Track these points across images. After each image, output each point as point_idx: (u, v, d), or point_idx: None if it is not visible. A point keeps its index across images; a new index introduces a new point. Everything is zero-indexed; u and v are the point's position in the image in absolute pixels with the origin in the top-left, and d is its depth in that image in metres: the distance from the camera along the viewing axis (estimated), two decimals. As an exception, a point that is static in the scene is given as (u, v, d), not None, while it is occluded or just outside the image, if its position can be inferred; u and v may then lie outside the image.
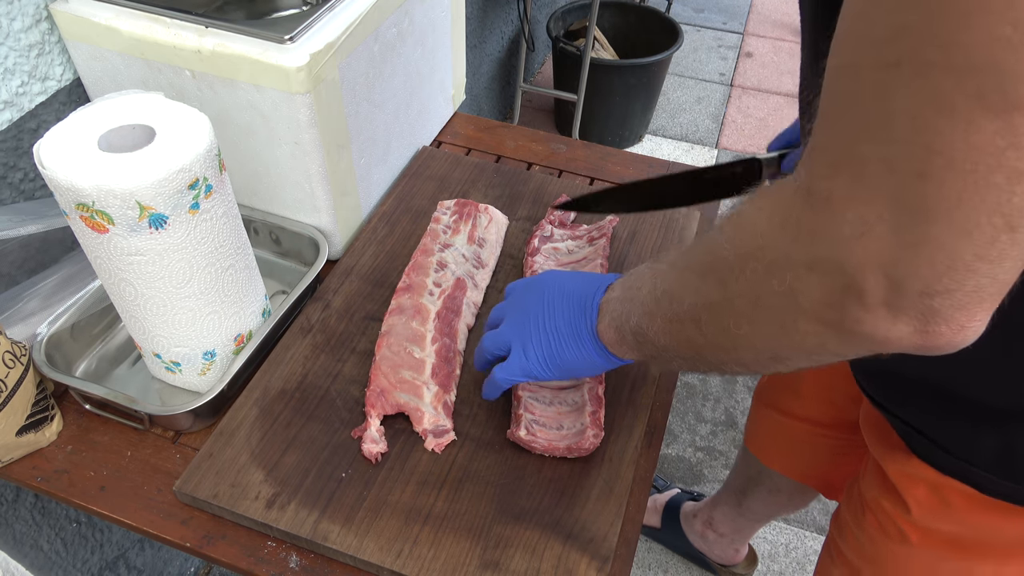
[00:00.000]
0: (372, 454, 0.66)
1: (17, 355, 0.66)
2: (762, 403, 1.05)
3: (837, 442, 0.94)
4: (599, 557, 0.61)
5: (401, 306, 0.77)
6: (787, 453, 1.04)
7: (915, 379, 0.59)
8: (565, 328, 0.59)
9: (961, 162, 0.27)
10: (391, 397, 0.69)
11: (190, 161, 0.58)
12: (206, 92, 0.76)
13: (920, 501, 0.63)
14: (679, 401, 1.75)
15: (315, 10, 0.74)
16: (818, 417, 0.94)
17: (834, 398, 0.90)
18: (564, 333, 0.59)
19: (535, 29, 2.47)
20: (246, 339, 0.73)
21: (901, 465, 0.64)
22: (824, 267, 0.34)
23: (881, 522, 0.69)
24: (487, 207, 0.88)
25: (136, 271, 0.61)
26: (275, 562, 0.62)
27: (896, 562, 0.70)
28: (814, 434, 0.95)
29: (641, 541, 1.50)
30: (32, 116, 0.78)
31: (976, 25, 0.25)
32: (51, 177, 0.56)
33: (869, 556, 0.73)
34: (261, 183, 0.83)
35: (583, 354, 0.59)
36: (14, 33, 0.73)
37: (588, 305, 0.58)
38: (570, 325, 0.59)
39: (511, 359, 0.62)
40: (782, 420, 1.00)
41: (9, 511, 0.90)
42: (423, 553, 0.61)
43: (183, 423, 0.70)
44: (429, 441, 0.68)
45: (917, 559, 0.67)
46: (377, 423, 0.68)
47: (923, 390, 0.59)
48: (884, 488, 0.68)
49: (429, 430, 0.68)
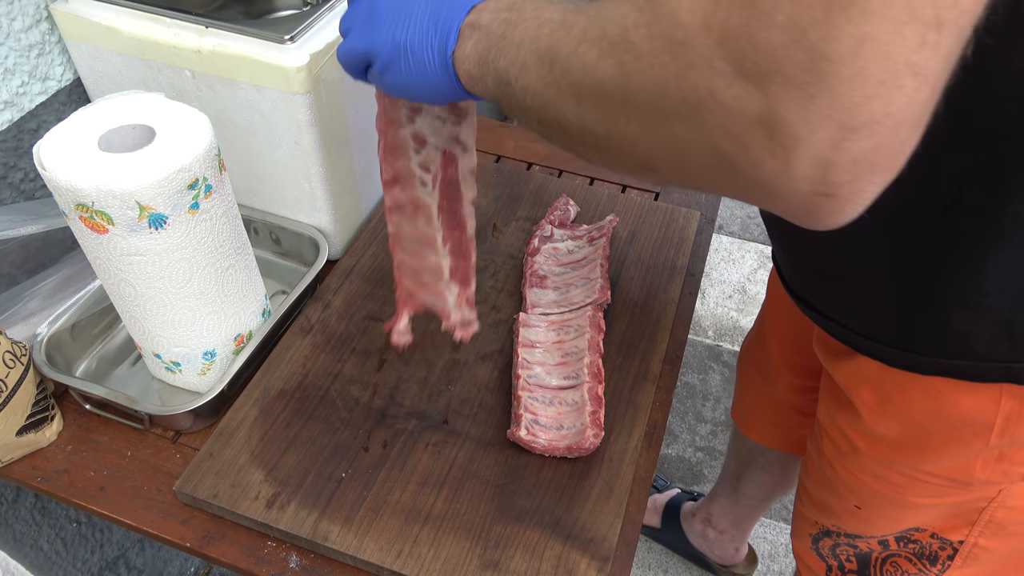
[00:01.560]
0: (400, 344, 0.70)
1: (17, 355, 0.66)
2: (741, 365, 1.10)
3: (805, 396, 0.97)
4: (599, 557, 0.61)
5: (398, 202, 0.70)
6: (763, 417, 1.07)
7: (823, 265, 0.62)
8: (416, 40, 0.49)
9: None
10: (418, 298, 0.70)
11: (190, 161, 0.58)
12: (206, 92, 0.76)
13: (866, 402, 0.66)
14: (679, 401, 1.75)
15: (315, 10, 0.74)
16: (784, 366, 0.97)
17: (794, 340, 0.92)
18: (414, 47, 0.49)
19: (535, 29, 2.46)
20: (246, 339, 0.73)
21: (845, 367, 0.67)
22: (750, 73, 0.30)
23: (835, 440, 0.72)
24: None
25: (136, 271, 0.61)
26: (275, 562, 0.62)
27: (852, 479, 0.72)
28: (784, 388, 0.99)
29: (641, 541, 1.51)
30: (32, 116, 0.78)
31: None
32: (51, 178, 0.56)
33: (829, 482, 0.76)
34: (261, 183, 0.83)
35: (427, 76, 0.49)
36: (14, 33, 0.73)
37: (448, 20, 0.48)
38: (421, 39, 0.49)
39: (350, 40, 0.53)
40: (755, 377, 1.04)
41: (9, 511, 0.90)
42: (423, 553, 0.61)
43: (183, 423, 0.70)
44: (457, 333, 0.68)
45: (868, 469, 0.70)
46: (406, 319, 0.70)
47: (827, 275, 0.63)
48: (837, 404, 0.71)
49: (456, 324, 0.69)
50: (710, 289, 2.02)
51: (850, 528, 0.78)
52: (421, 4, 0.49)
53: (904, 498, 0.69)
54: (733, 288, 2.03)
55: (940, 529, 0.70)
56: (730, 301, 1.99)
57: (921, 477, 0.66)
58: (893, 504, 0.71)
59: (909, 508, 0.70)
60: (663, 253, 0.88)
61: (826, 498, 0.79)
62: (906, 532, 0.72)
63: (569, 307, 0.79)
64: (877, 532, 0.75)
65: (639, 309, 0.81)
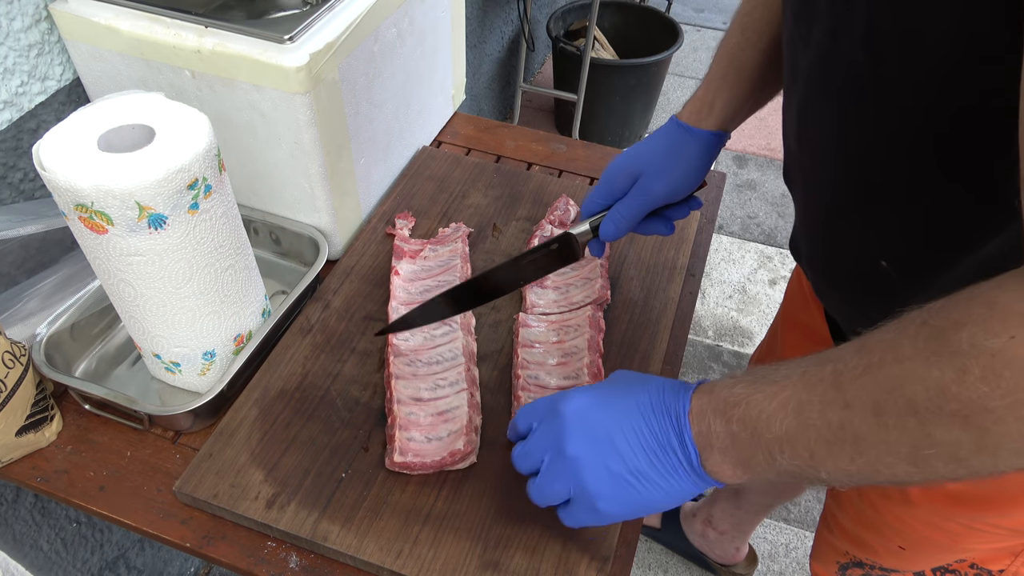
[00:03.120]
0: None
1: (17, 355, 0.65)
2: None
3: None
4: (599, 557, 0.61)
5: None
6: None
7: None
8: (651, 471, 0.48)
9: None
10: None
11: (190, 161, 0.58)
12: (206, 92, 0.76)
13: None
14: (679, 401, 1.74)
15: (315, 10, 0.74)
16: None
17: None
18: (649, 477, 0.48)
19: (535, 29, 2.47)
20: (246, 339, 0.73)
21: None
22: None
23: (883, 488, 0.69)
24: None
25: (135, 271, 0.61)
26: (275, 562, 0.62)
27: (900, 524, 0.70)
28: None
29: (641, 541, 1.50)
30: (32, 116, 0.78)
31: None
32: (50, 178, 0.56)
33: (871, 522, 0.73)
34: (261, 183, 0.83)
35: (676, 492, 0.49)
36: (14, 33, 0.73)
37: (673, 442, 0.48)
38: (657, 468, 0.48)
39: (577, 510, 0.52)
40: None
41: (9, 511, 0.90)
42: (423, 553, 0.61)
43: (183, 423, 0.70)
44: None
45: (921, 518, 0.67)
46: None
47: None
48: None
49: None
50: (710, 289, 2.02)
51: (888, 564, 0.75)
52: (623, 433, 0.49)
53: (958, 545, 0.67)
54: (733, 288, 2.03)
55: (981, 561, 0.68)
56: (730, 301, 1.99)
57: (981, 528, 0.63)
58: (943, 548, 0.68)
59: (960, 552, 0.68)
60: (663, 253, 0.88)
61: (864, 535, 0.76)
62: (945, 564, 0.71)
63: (569, 307, 0.79)
64: (917, 568, 0.73)
65: (639, 309, 0.81)
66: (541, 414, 0.54)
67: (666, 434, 0.48)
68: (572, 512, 0.52)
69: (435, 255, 0.85)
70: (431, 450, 0.66)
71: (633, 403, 0.50)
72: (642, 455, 0.48)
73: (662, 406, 0.49)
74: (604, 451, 0.49)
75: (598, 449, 0.49)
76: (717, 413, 0.45)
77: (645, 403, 0.49)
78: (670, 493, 0.48)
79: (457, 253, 0.85)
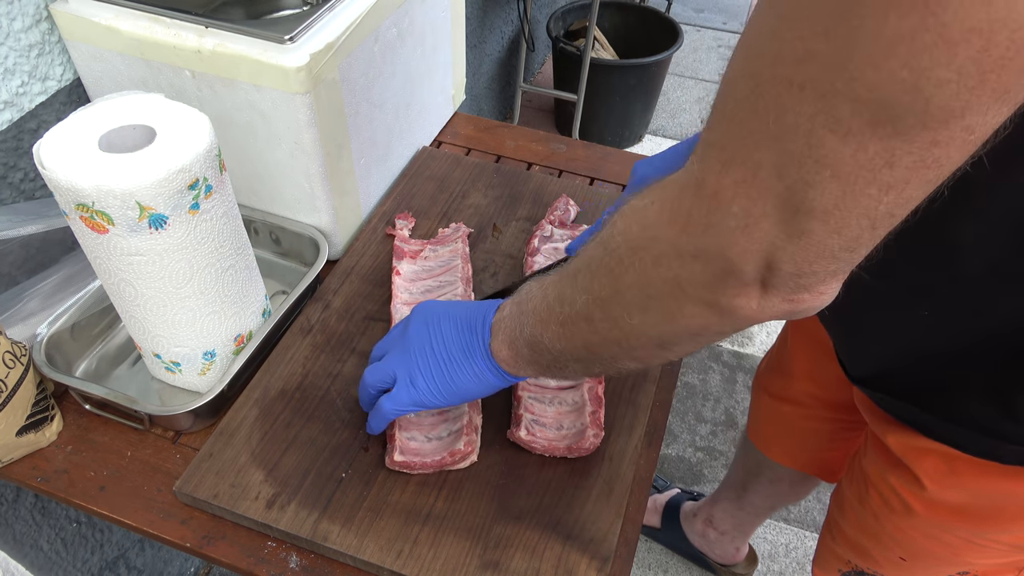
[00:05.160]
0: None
1: (17, 355, 0.66)
2: (759, 389, 1.07)
3: (832, 425, 0.95)
4: (599, 557, 0.61)
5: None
6: (785, 441, 1.05)
7: (910, 348, 0.60)
8: (457, 352, 0.58)
9: (845, 175, 0.32)
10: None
11: (190, 161, 0.58)
12: (206, 92, 0.76)
13: (929, 473, 0.63)
14: (679, 401, 1.75)
15: (315, 10, 0.74)
16: (810, 399, 0.95)
17: (821, 378, 0.91)
18: (456, 357, 0.58)
19: (535, 29, 2.47)
20: (246, 339, 0.73)
21: (906, 438, 0.65)
22: (708, 255, 0.38)
23: (885, 497, 0.70)
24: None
25: (136, 271, 0.61)
26: (275, 562, 0.62)
27: (901, 534, 0.70)
28: (809, 417, 0.97)
29: (641, 541, 1.50)
30: (32, 116, 0.78)
31: (882, 66, 0.29)
32: (51, 177, 0.56)
33: (872, 531, 0.74)
34: (261, 183, 0.83)
35: (476, 374, 0.58)
36: (14, 33, 0.73)
37: (478, 326, 0.58)
38: (461, 348, 0.58)
39: (398, 389, 0.60)
40: (778, 406, 1.01)
41: (9, 511, 0.90)
42: (423, 553, 0.61)
43: (183, 423, 0.70)
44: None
45: (922, 529, 0.68)
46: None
47: (910, 357, 0.61)
48: (889, 463, 0.68)
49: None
50: (710, 289, 2.02)
51: (889, 574, 0.76)
52: (448, 322, 0.59)
53: (958, 558, 0.67)
54: (733, 288, 2.02)
55: (984, 574, 0.68)
56: (730, 301, 1.99)
57: (982, 543, 0.64)
58: (943, 561, 0.69)
59: (961, 565, 0.68)
60: (663, 253, 0.87)
61: (866, 544, 0.76)
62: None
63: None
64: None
65: (639, 309, 0.81)
66: (395, 336, 0.64)
67: (475, 321, 0.58)
68: (395, 394, 0.60)
69: (435, 255, 0.85)
70: (431, 450, 0.66)
71: (471, 303, 0.61)
72: (455, 338, 0.58)
73: (488, 304, 0.59)
74: (432, 332, 0.59)
75: (429, 331, 0.60)
76: (512, 303, 0.56)
77: (477, 303, 0.60)
78: (474, 377, 0.58)
79: (457, 253, 0.85)
